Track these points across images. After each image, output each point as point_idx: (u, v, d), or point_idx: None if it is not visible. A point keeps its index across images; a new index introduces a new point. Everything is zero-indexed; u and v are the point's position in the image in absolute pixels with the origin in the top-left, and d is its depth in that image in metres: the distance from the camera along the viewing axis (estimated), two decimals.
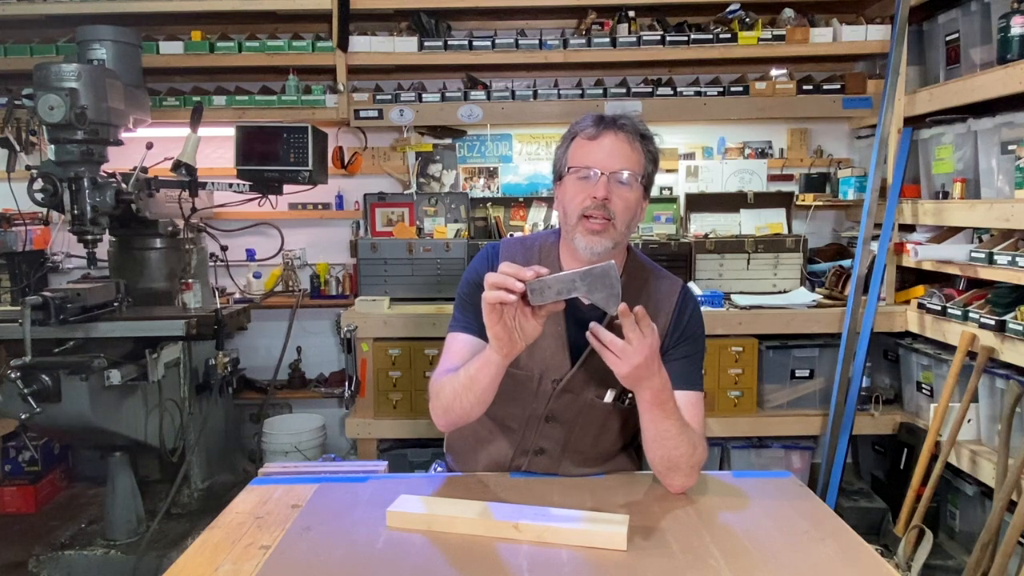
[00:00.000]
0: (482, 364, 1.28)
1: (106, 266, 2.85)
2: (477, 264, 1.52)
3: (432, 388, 1.41)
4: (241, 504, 1.33)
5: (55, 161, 2.37)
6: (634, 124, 1.39)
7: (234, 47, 3.10)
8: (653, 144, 1.42)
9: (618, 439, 1.53)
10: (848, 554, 1.13)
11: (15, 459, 3.12)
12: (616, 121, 1.38)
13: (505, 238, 1.56)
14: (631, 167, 1.36)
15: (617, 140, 1.36)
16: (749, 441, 3.01)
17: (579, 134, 1.40)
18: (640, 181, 1.38)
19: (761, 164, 3.37)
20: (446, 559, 1.12)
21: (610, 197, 1.34)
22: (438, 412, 1.40)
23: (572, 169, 1.38)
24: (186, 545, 2.19)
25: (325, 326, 3.55)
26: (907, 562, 2.47)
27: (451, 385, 1.34)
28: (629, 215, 1.38)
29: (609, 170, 1.35)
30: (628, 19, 3.14)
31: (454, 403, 1.34)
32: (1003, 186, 2.47)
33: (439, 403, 1.38)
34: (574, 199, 1.37)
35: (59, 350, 2.31)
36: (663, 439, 1.31)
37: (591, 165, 1.36)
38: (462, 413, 1.35)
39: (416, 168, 3.45)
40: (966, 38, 2.66)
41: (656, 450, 1.33)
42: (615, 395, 1.45)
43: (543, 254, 1.50)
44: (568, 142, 1.42)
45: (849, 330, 2.81)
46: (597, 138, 1.37)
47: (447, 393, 1.35)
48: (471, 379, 1.30)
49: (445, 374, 1.38)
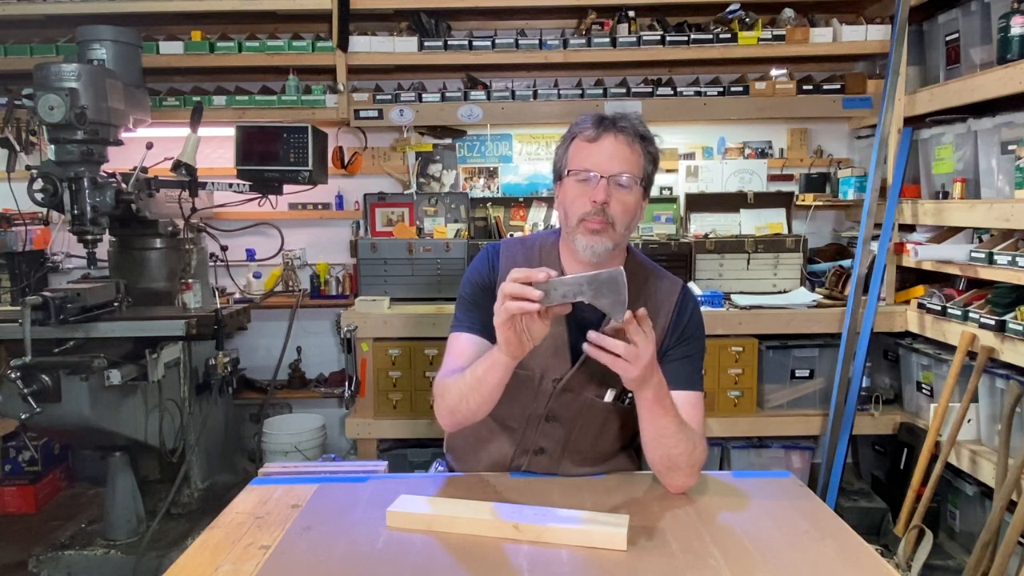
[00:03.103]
0: (488, 366, 1.28)
1: (106, 266, 2.85)
2: (478, 264, 1.52)
3: (437, 389, 1.41)
4: (241, 504, 1.33)
5: (55, 161, 2.37)
6: (634, 125, 1.39)
7: (234, 47, 3.10)
8: (653, 145, 1.42)
9: (618, 439, 1.53)
10: (848, 554, 1.12)
11: (15, 459, 3.12)
12: (616, 122, 1.38)
13: (505, 238, 1.57)
14: (630, 170, 1.36)
15: (617, 142, 1.36)
16: (749, 441, 3.01)
17: (578, 135, 1.40)
18: (639, 183, 1.38)
19: (761, 164, 3.37)
20: (446, 559, 1.12)
21: (609, 200, 1.34)
22: (444, 413, 1.40)
23: (572, 172, 1.38)
24: (186, 545, 2.18)
25: (325, 326, 3.55)
26: (907, 562, 2.47)
27: (457, 386, 1.34)
28: (628, 217, 1.38)
29: (608, 173, 1.34)
30: (628, 19, 3.14)
31: (460, 404, 1.35)
32: (1003, 186, 2.47)
33: (445, 404, 1.38)
34: (574, 202, 1.37)
35: (59, 350, 2.31)
36: (662, 437, 1.32)
37: (590, 168, 1.36)
38: (468, 414, 1.36)
39: (416, 168, 3.45)
40: (966, 38, 2.66)
41: (656, 449, 1.33)
42: (615, 395, 1.45)
43: (543, 254, 1.50)
44: (568, 143, 1.42)
45: (849, 330, 2.81)
46: (597, 140, 1.37)
47: (453, 394, 1.35)
48: (478, 380, 1.30)
49: (450, 375, 1.38)
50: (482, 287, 1.48)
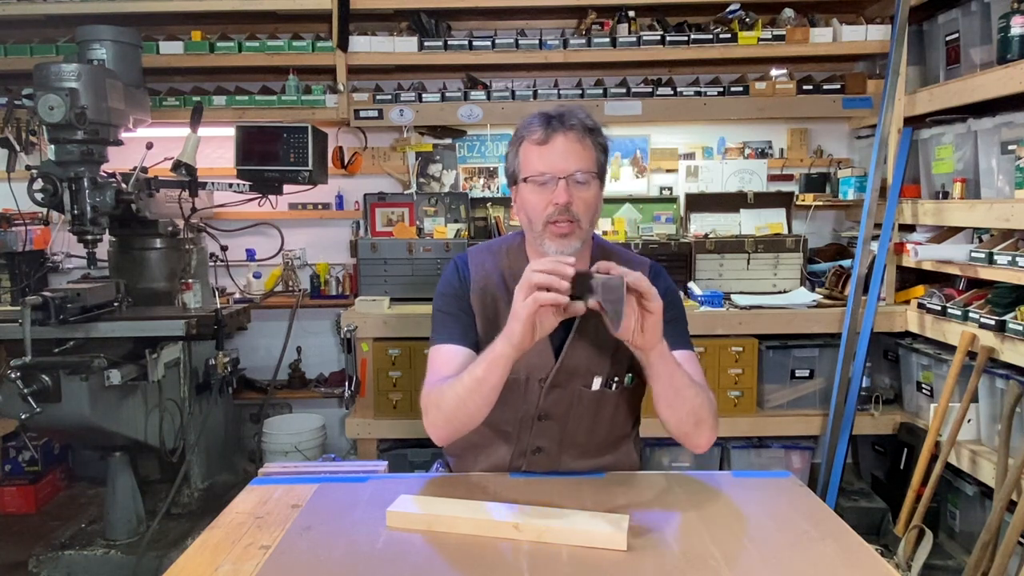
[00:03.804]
0: (489, 364, 1.27)
1: (106, 266, 2.85)
2: (448, 277, 1.51)
3: (428, 399, 1.37)
4: (241, 504, 1.33)
5: (55, 161, 2.37)
6: (581, 120, 1.38)
7: (234, 47, 3.10)
8: (602, 135, 1.42)
9: (612, 426, 1.54)
10: (848, 554, 1.12)
11: (15, 459, 3.12)
12: (563, 120, 1.37)
13: (469, 248, 1.58)
14: (586, 165, 1.36)
15: (568, 140, 1.36)
16: (749, 441, 3.00)
17: (527, 138, 1.40)
18: (596, 176, 1.39)
19: (761, 164, 3.37)
20: (446, 559, 1.12)
21: (571, 199, 1.34)
22: (438, 423, 1.35)
23: (529, 178, 1.38)
24: (186, 545, 2.18)
25: (325, 326, 3.55)
26: (907, 562, 2.47)
27: (453, 391, 1.31)
28: (592, 212, 1.39)
29: (565, 173, 1.35)
30: (628, 19, 3.14)
31: (459, 410, 1.32)
32: (1003, 186, 2.47)
33: (440, 413, 1.34)
34: (536, 207, 1.38)
35: (59, 350, 2.31)
36: (682, 390, 1.32)
37: (546, 171, 1.36)
38: (467, 419, 1.33)
39: (416, 168, 3.45)
40: (966, 38, 2.66)
41: (680, 408, 1.33)
42: (603, 381, 1.46)
43: (512, 256, 1.50)
44: (517, 147, 1.42)
45: (849, 330, 2.81)
46: (548, 142, 1.36)
47: (449, 400, 1.32)
48: (478, 381, 1.28)
49: (439, 384, 1.36)
50: (456, 297, 1.48)
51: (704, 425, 1.36)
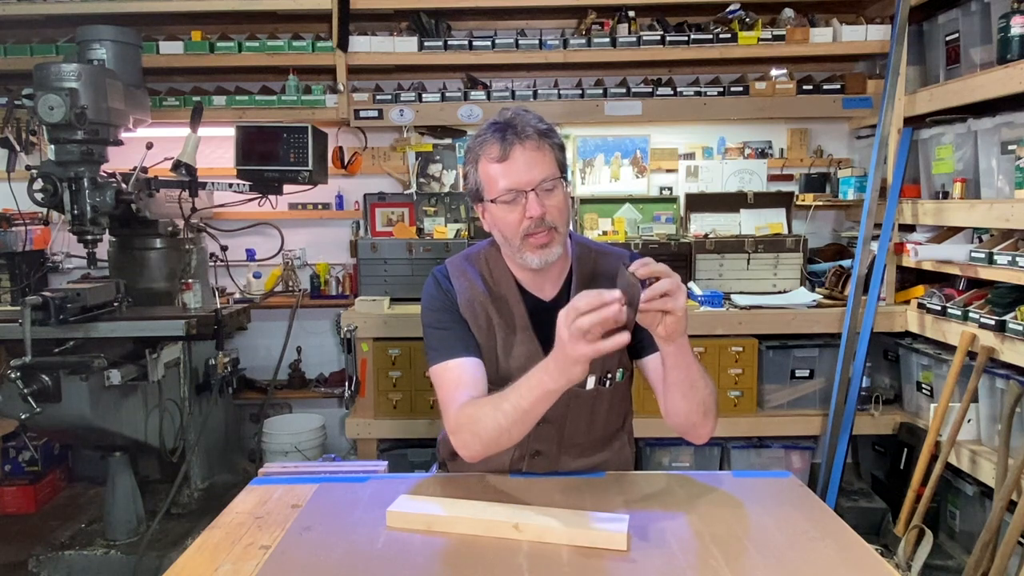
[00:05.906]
0: (540, 398, 1.20)
1: (106, 266, 2.85)
2: (432, 291, 1.49)
3: (457, 424, 1.32)
4: (241, 504, 1.33)
5: (55, 161, 2.37)
6: (534, 127, 1.37)
7: (234, 47, 3.10)
8: (556, 134, 1.41)
9: (608, 422, 1.55)
10: (848, 554, 1.12)
11: (15, 459, 3.12)
12: (517, 131, 1.35)
13: (447, 260, 1.56)
14: (549, 172, 1.36)
15: (526, 151, 1.35)
16: (749, 441, 3.00)
17: (483, 156, 1.38)
18: (560, 178, 1.38)
19: (761, 164, 3.37)
20: (446, 559, 1.12)
21: (544, 210, 1.34)
22: (475, 448, 1.31)
23: (497, 198, 1.37)
24: (186, 545, 2.19)
25: (325, 326, 3.55)
26: (907, 562, 2.47)
27: (493, 420, 1.26)
28: (565, 215, 1.39)
29: (532, 185, 1.34)
30: (628, 19, 3.14)
31: (500, 437, 1.27)
32: (1003, 186, 2.46)
33: (477, 440, 1.29)
34: (510, 224, 1.37)
35: (59, 350, 2.31)
36: (696, 381, 1.31)
37: (512, 187, 1.35)
38: (507, 443, 1.30)
39: (416, 168, 3.45)
40: (966, 38, 2.66)
41: (691, 400, 1.32)
42: (596, 379, 1.45)
43: (491, 264, 1.50)
44: (475, 165, 1.40)
45: (849, 330, 2.81)
46: (507, 158, 1.35)
47: (488, 428, 1.27)
48: (525, 412, 1.23)
49: (466, 404, 1.32)
50: (445, 310, 1.46)
51: (710, 415, 1.36)
